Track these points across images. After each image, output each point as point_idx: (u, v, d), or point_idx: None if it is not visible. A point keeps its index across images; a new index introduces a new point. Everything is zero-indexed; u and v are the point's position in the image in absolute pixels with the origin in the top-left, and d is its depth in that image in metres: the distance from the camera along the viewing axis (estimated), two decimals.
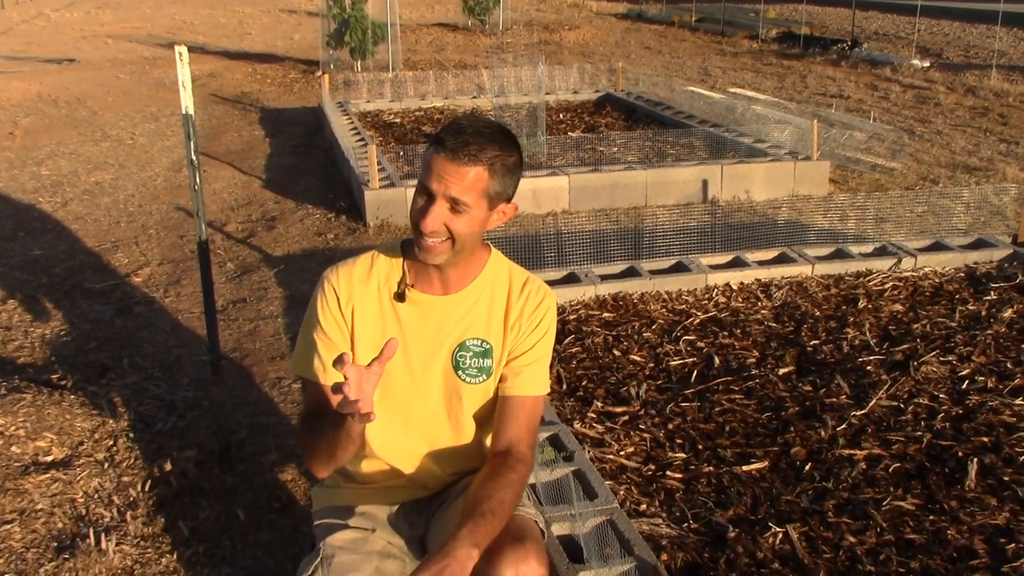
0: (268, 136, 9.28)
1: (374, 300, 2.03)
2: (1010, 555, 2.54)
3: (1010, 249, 4.81)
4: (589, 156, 7.65)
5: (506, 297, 2.09)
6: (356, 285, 2.03)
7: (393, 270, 2.06)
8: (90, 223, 6.38)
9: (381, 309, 2.04)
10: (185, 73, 2.88)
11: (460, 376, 2.06)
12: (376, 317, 2.03)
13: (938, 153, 8.21)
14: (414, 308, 2.03)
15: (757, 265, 4.63)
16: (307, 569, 1.98)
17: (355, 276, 2.04)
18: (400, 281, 2.04)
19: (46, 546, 2.76)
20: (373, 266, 2.06)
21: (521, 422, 2.06)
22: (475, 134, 1.90)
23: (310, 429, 1.96)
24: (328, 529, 2.08)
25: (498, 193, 1.93)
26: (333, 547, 2.02)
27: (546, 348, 2.09)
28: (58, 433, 3.33)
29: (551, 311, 2.11)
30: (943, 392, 3.43)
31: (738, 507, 2.79)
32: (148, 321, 4.66)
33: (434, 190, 1.88)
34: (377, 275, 2.05)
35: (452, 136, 1.89)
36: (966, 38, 17.39)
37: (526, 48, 14.85)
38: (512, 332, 2.07)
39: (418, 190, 1.92)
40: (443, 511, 2.14)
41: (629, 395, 3.46)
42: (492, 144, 1.90)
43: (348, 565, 1.97)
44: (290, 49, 16.23)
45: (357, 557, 2.00)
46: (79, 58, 15.21)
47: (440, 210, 1.89)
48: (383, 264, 2.06)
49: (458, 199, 1.88)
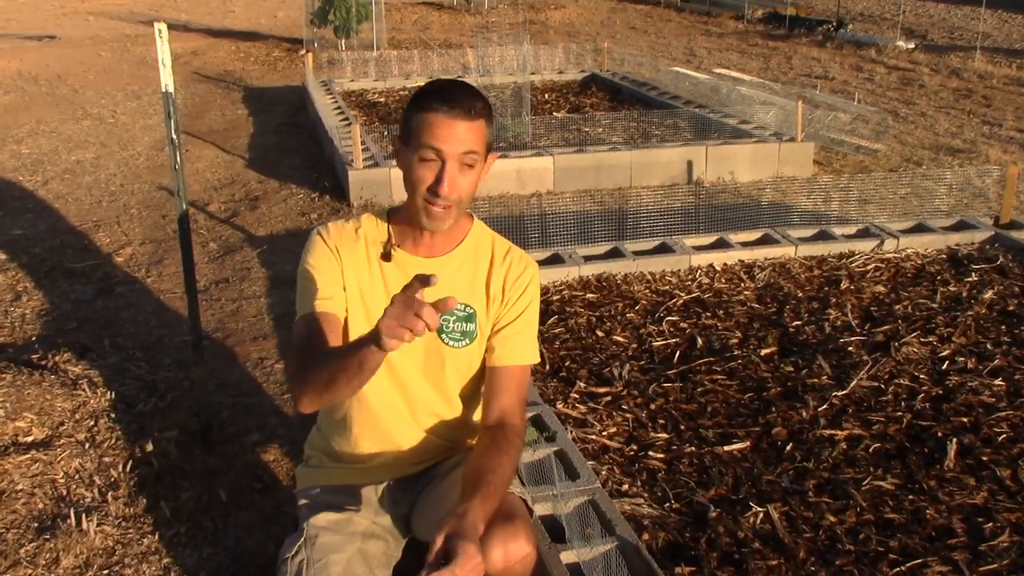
0: (251, 115, 9.21)
1: (362, 257, 2.05)
2: (987, 534, 2.57)
3: (992, 231, 4.84)
4: (574, 136, 7.62)
5: (488, 264, 2.10)
6: (346, 240, 2.05)
7: (379, 232, 2.07)
8: (71, 202, 6.33)
9: (369, 268, 2.05)
10: (165, 51, 2.85)
11: (444, 340, 2.06)
12: (364, 274, 2.04)
13: (922, 135, 8.23)
14: (399, 269, 2.04)
15: (741, 246, 4.63)
16: (290, 549, 1.98)
17: (345, 233, 2.06)
18: (386, 242, 2.05)
19: (26, 527, 2.75)
20: (361, 226, 2.08)
21: (512, 392, 2.07)
22: (463, 89, 1.92)
23: (310, 357, 1.91)
24: (312, 509, 2.08)
25: (490, 143, 1.97)
26: (317, 527, 2.02)
27: (532, 317, 2.11)
28: (38, 413, 3.31)
29: (535, 280, 2.12)
30: (923, 373, 3.45)
31: (719, 487, 2.80)
32: (130, 301, 4.63)
33: (445, 151, 1.88)
34: (364, 235, 2.06)
35: (446, 94, 1.89)
36: (951, 20, 17.41)
37: (511, 27, 14.77)
38: (495, 301, 2.08)
39: (419, 157, 1.90)
40: (429, 491, 2.14)
41: (612, 376, 3.47)
42: (478, 95, 1.94)
43: (331, 545, 1.97)
44: (274, 27, 16.09)
45: (341, 538, 2.00)
46: (60, 35, 15.03)
47: (454, 170, 1.90)
48: (370, 226, 2.08)
49: (470, 153, 1.89)
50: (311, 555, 1.95)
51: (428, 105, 1.89)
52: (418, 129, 1.89)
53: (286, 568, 1.95)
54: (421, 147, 1.89)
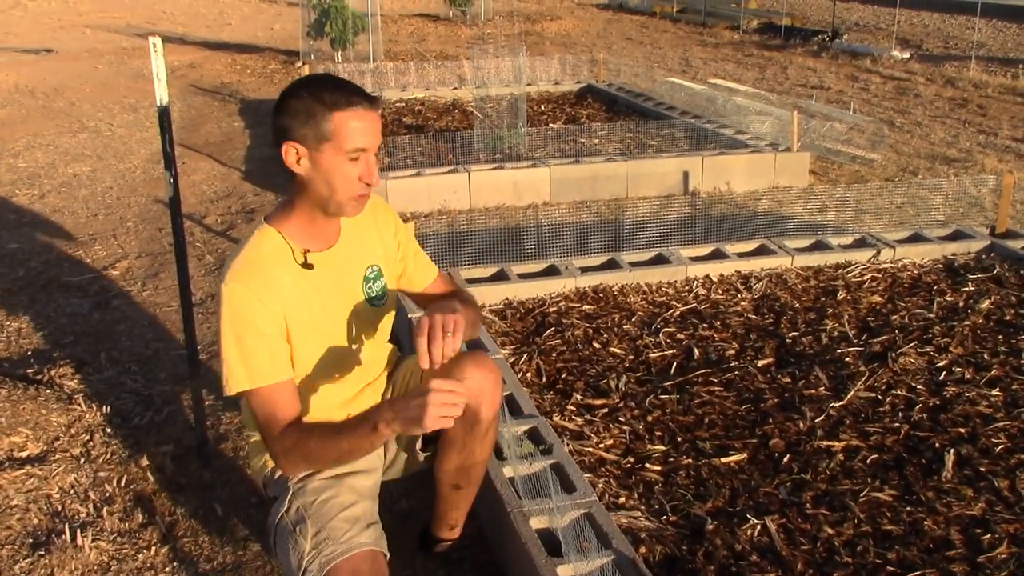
0: (248, 127, 9.22)
1: (285, 282, 2.06)
2: (986, 546, 2.56)
3: (988, 240, 4.84)
4: (570, 147, 7.63)
5: (366, 221, 2.23)
6: (264, 283, 2.02)
7: (280, 250, 2.08)
8: (67, 216, 6.33)
9: (296, 287, 2.07)
10: (160, 64, 2.85)
11: (376, 305, 2.24)
12: (296, 297, 2.06)
13: (917, 144, 8.25)
14: (320, 270, 2.11)
15: (737, 257, 4.63)
16: (281, 507, 2.05)
17: (258, 275, 2.02)
18: (294, 254, 2.09)
19: (21, 542, 2.74)
20: (261, 257, 2.05)
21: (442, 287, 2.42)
22: (349, 83, 2.04)
23: (302, 431, 1.99)
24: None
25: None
26: (302, 479, 2.09)
27: (411, 235, 2.38)
28: (33, 428, 3.30)
29: (391, 209, 2.36)
30: (921, 383, 3.45)
31: (717, 499, 2.79)
32: (125, 315, 4.63)
33: (369, 145, 2.00)
34: (271, 262, 2.06)
35: (348, 93, 1.98)
36: (946, 29, 17.47)
37: (507, 39, 14.82)
38: (383, 245, 2.26)
39: (345, 155, 1.98)
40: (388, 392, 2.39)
41: (609, 387, 3.46)
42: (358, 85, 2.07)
43: (321, 487, 2.05)
44: (270, 39, 16.12)
45: (328, 481, 2.08)
46: (57, 48, 15.05)
47: (375, 159, 2.05)
48: (267, 251, 2.07)
49: (379, 144, 2.04)
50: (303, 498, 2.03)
51: (341, 106, 1.96)
52: (339, 130, 1.96)
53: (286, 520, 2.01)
54: (348, 146, 1.97)
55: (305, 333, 2.07)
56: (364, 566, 1.88)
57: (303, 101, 1.96)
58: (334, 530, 1.93)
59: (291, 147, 1.98)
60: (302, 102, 1.96)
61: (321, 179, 2.00)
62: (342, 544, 1.90)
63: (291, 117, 1.97)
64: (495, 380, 2.18)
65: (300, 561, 1.89)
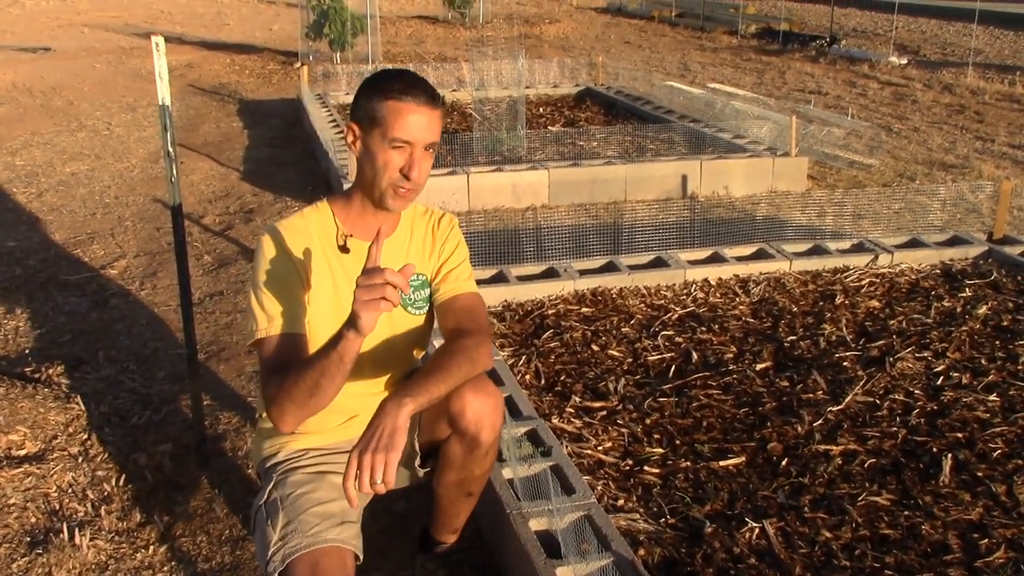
0: (246, 128, 9.21)
1: (318, 254, 2.08)
2: (983, 550, 2.57)
3: (985, 246, 4.85)
4: (569, 150, 7.64)
5: (423, 229, 2.23)
6: (300, 243, 2.06)
7: (326, 225, 2.12)
8: (65, 214, 6.32)
9: (327, 262, 2.09)
10: (162, 64, 2.85)
11: (408, 310, 2.20)
12: (323, 271, 2.08)
13: (915, 150, 8.27)
14: (357, 257, 2.09)
15: (735, 261, 4.64)
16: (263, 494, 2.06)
17: (297, 235, 2.07)
18: (337, 234, 2.10)
19: (19, 541, 2.74)
20: (308, 223, 2.11)
21: (463, 309, 2.19)
22: (422, 80, 2.02)
23: (285, 373, 1.93)
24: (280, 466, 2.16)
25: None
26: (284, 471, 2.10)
27: (464, 254, 2.28)
28: (31, 427, 3.30)
29: (455, 223, 2.30)
30: (918, 388, 3.46)
31: (715, 502, 2.80)
32: (124, 314, 4.62)
33: (415, 139, 1.98)
34: (313, 231, 2.10)
35: (408, 85, 1.98)
36: (943, 36, 17.52)
37: (506, 41, 14.84)
38: (432, 256, 2.23)
39: (389, 143, 1.98)
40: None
41: (607, 390, 3.46)
42: (433, 88, 2.04)
43: (301, 481, 2.06)
44: (269, 40, 16.12)
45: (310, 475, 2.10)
46: (55, 47, 15.04)
47: (423, 157, 2.01)
48: (315, 221, 2.12)
49: (434, 142, 2.02)
50: (283, 489, 2.04)
51: (396, 95, 1.97)
52: (387, 117, 1.97)
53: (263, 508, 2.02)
54: (393, 134, 1.97)
55: (322, 309, 2.07)
56: (325, 561, 1.87)
57: (369, 87, 2.02)
58: (303, 523, 1.94)
59: (351, 128, 2.06)
60: (368, 88, 2.03)
61: (368, 162, 2.04)
62: (307, 538, 1.90)
63: (356, 100, 2.05)
64: (494, 405, 2.13)
65: (267, 550, 1.92)
